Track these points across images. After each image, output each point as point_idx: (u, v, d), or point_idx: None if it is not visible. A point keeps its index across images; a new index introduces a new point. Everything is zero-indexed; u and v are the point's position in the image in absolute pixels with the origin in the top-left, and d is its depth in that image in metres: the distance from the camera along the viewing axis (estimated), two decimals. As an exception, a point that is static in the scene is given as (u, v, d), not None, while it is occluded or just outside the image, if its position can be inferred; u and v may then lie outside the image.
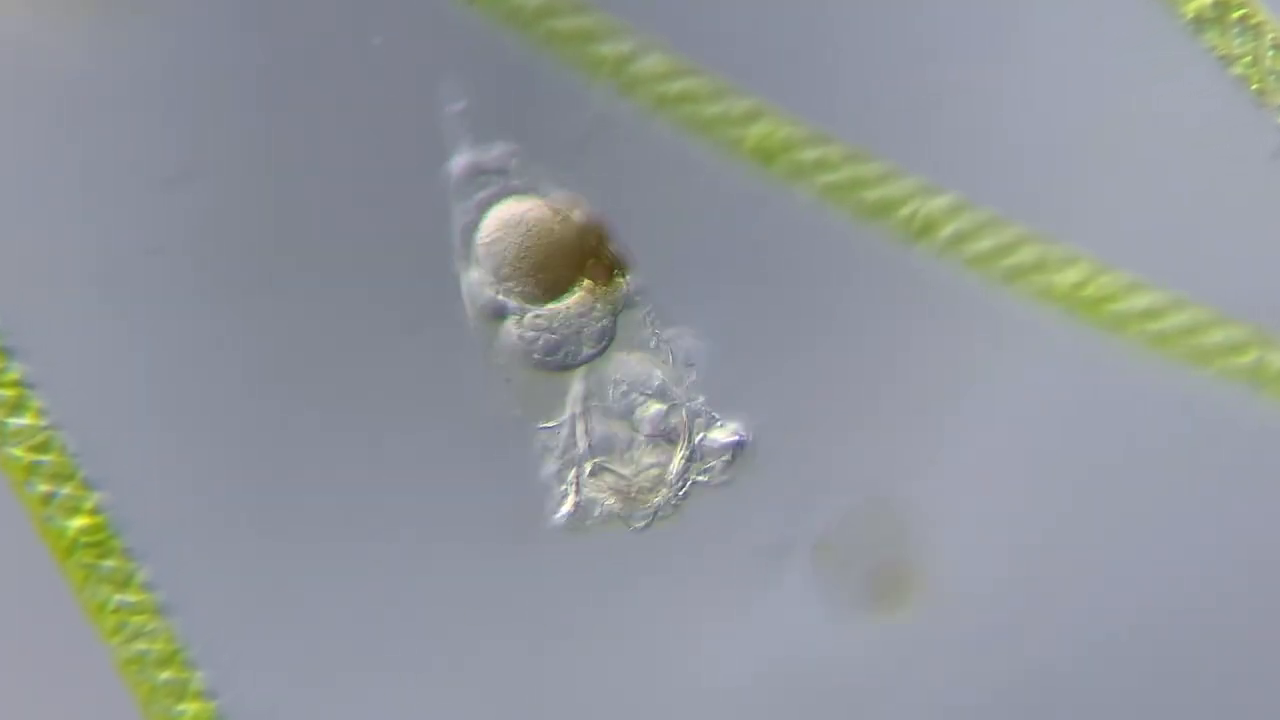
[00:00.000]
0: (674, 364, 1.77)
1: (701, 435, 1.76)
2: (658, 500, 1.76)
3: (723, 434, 1.76)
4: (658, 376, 1.77)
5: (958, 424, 1.80)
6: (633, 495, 1.76)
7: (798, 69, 1.81)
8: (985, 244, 1.80)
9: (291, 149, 1.80)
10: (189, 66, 1.79)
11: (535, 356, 1.75)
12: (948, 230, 1.80)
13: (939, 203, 1.80)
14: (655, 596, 1.78)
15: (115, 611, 1.75)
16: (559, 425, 1.77)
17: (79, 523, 1.75)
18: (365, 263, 1.80)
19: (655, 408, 1.77)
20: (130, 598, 1.75)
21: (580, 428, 1.76)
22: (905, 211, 1.80)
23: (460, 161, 1.76)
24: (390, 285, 1.80)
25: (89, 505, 1.76)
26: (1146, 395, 1.80)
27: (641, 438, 1.77)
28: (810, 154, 1.80)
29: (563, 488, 1.76)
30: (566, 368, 1.76)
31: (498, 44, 1.79)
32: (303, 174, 1.80)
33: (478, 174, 1.76)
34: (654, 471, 1.76)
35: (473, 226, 1.77)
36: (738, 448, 1.76)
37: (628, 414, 1.77)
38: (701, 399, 1.77)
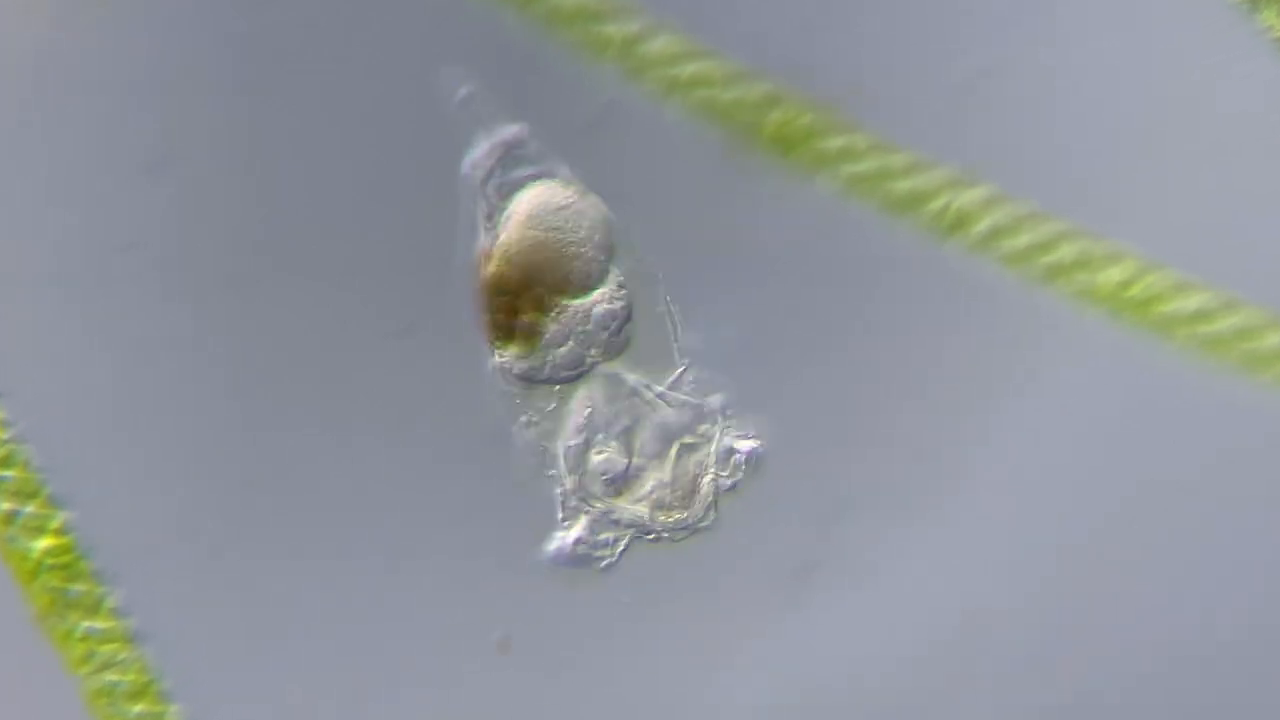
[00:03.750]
0: (692, 391, 1.77)
1: (717, 445, 1.76)
2: (659, 528, 1.76)
3: (741, 444, 1.76)
4: (673, 403, 1.77)
5: (993, 434, 1.77)
6: (630, 522, 1.76)
7: (819, 51, 1.79)
8: (1023, 240, 1.78)
9: (276, 137, 1.79)
10: (165, 46, 1.78)
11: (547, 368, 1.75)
12: (983, 225, 1.78)
13: (973, 195, 1.78)
14: (677, 617, 1.78)
15: (83, 639, 1.73)
16: (558, 447, 1.77)
17: (44, 543, 1.74)
18: (354, 260, 1.78)
19: (660, 437, 1.77)
20: (100, 624, 1.74)
21: (576, 456, 1.76)
22: (937, 205, 1.78)
23: (476, 149, 1.77)
24: (381, 284, 1.78)
25: (55, 524, 1.75)
26: (1197, 403, 1.78)
27: (644, 458, 1.77)
28: (834, 142, 1.78)
29: (563, 519, 1.76)
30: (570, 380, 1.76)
31: (495, 24, 1.78)
32: (287, 164, 1.79)
33: (496, 158, 1.77)
34: (654, 502, 1.76)
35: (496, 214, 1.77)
36: (752, 458, 1.76)
37: (632, 431, 1.77)
38: (718, 410, 1.77)
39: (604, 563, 1.75)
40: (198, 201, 1.77)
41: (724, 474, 1.75)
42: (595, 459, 1.74)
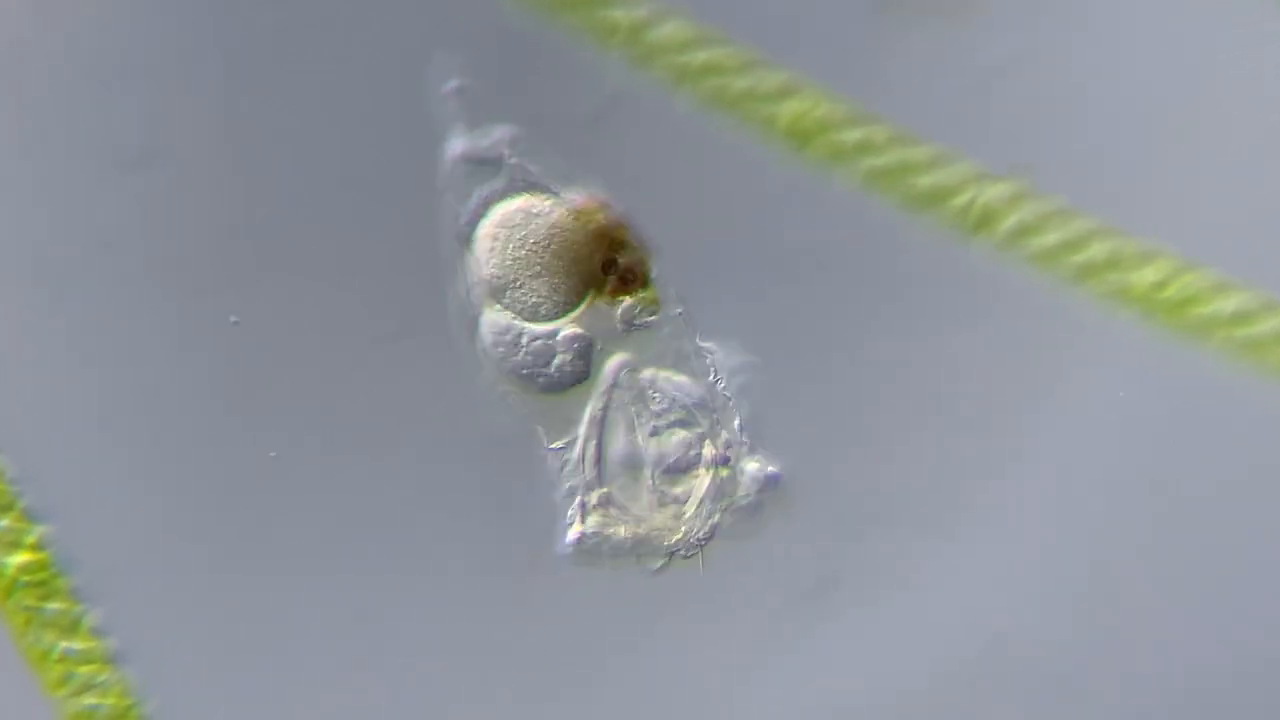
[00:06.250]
0: (711, 381, 1.76)
1: (732, 467, 1.75)
2: (676, 538, 1.75)
3: (756, 466, 1.75)
4: (690, 396, 1.75)
5: (1020, 441, 1.76)
6: (646, 532, 1.75)
7: (837, 37, 1.79)
8: (1052, 238, 1.78)
9: (264, 129, 1.78)
10: (148, 35, 1.76)
11: (530, 374, 1.74)
12: (1009, 222, 1.77)
13: (999, 190, 1.78)
14: (694, 632, 1.77)
15: (61, 660, 1.73)
16: (569, 446, 1.76)
17: (19, 559, 1.73)
18: (346, 260, 1.77)
19: (680, 435, 1.76)
20: (78, 645, 1.73)
21: (590, 452, 1.75)
22: (961, 201, 1.77)
23: (455, 149, 1.76)
24: (375, 285, 1.77)
25: (31, 539, 1.74)
26: (1236, 408, 1.77)
27: (658, 470, 1.76)
28: (852, 135, 1.77)
29: (570, 514, 1.75)
30: (562, 386, 1.75)
31: (496, 10, 1.76)
32: (276, 158, 1.78)
33: (475, 163, 1.76)
34: (672, 507, 1.75)
35: (471, 226, 1.76)
36: (772, 482, 1.75)
37: (651, 437, 1.76)
38: (737, 423, 1.76)
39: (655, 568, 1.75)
40: (179, 198, 1.76)
41: (732, 501, 1.75)
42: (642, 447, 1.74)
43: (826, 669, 1.74)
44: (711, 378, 1.75)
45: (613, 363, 1.74)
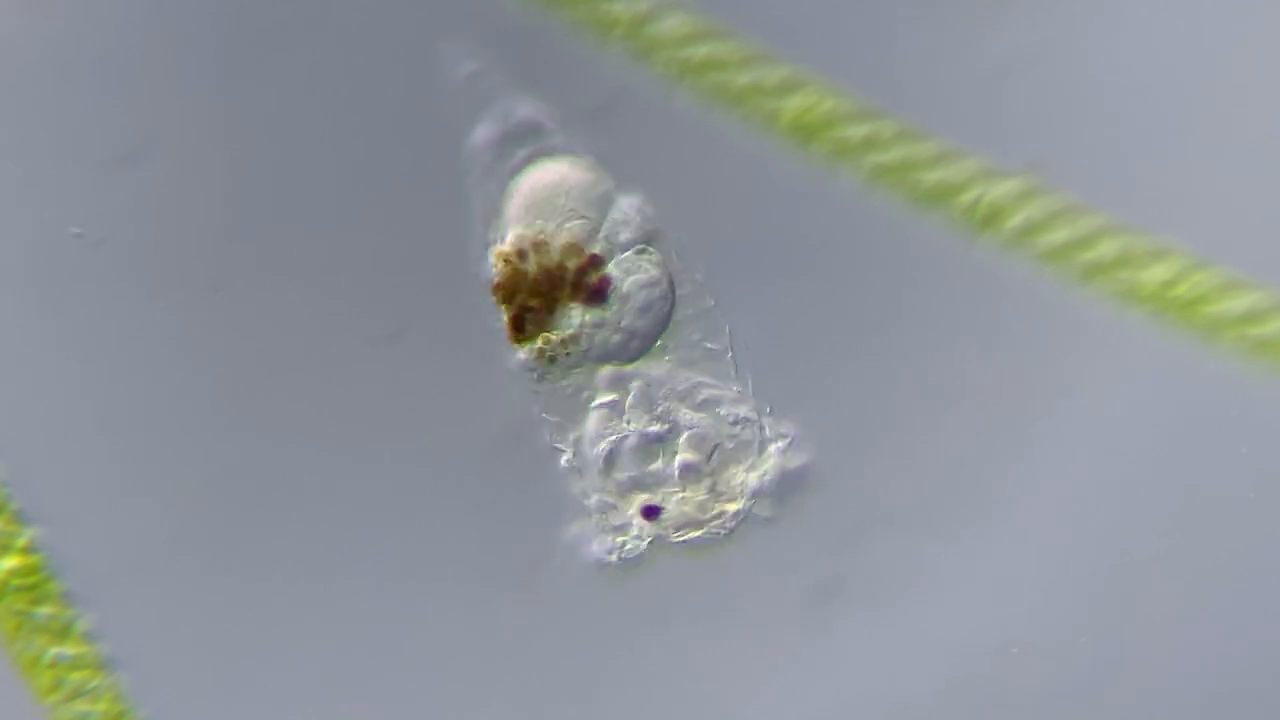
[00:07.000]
0: (730, 374, 1.76)
1: (756, 453, 1.75)
2: (709, 525, 1.75)
3: (779, 453, 1.76)
4: (703, 391, 1.76)
5: (1028, 447, 1.75)
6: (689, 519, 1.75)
7: (842, 31, 1.78)
8: (1060, 235, 1.76)
9: (257, 123, 1.77)
10: (137, 26, 1.76)
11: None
12: (1017, 219, 1.76)
13: (1006, 187, 1.77)
14: (695, 638, 1.75)
15: (52, 666, 1.73)
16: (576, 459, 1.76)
17: (10, 563, 1.73)
18: (344, 257, 1.77)
19: (697, 427, 1.75)
20: (69, 650, 1.73)
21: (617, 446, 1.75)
22: (968, 198, 1.76)
23: (482, 131, 1.76)
24: (374, 283, 1.76)
25: (21, 542, 1.73)
26: (1248, 411, 1.75)
27: (678, 464, 1.75)
28: (857, 130, 1.76)
29: (599, 517, 1.74)
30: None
31: (496, 4, 1.76)
32: (270, 153, 1.77)
33: (503, 141, 1.76)
34: (699, 497, 1.75)
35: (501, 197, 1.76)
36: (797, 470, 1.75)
37: (667, 435, 1.76)
38: (752, 413, 1.76)
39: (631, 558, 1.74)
40: (173, 193, 1.75)
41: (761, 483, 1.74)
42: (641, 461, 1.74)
43: (831, 677, 1.73)
44: (720, 381, 1.74)
45: (604, 373, 1.74)
